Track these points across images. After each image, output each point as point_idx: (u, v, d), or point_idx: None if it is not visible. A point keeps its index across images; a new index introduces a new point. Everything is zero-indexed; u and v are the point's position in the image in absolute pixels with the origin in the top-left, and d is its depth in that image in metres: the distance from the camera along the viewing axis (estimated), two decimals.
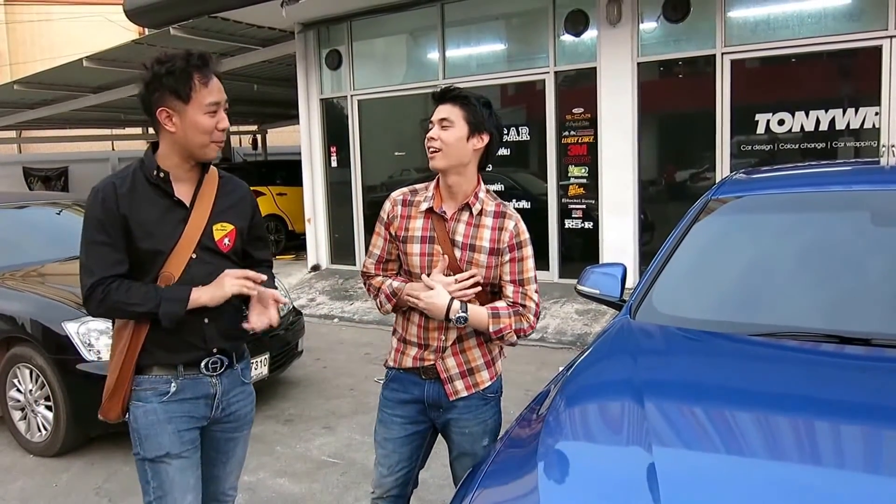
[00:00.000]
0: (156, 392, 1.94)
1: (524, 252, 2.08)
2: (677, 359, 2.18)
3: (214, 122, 1.87)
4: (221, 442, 2.10)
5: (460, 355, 2.10)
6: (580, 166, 7.25)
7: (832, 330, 2.09)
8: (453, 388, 2.10)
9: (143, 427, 1.93)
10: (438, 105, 2.06)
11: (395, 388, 2.17)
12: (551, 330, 6.16)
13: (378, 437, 2.23)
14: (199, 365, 1.97)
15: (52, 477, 3.71)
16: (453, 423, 2.15)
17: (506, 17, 7.91)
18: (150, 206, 1.88)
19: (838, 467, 1.51)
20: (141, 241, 1.86)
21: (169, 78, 1.81)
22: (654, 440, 1.57)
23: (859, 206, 2.57)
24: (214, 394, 2.00)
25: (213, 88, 1.86)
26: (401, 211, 2.10)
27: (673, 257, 2.58)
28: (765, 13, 6.40)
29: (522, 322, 2.06)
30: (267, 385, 4.76)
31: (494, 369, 2.16)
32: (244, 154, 18.28)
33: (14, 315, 4.02)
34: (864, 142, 6.03)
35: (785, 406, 1.75)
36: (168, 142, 1.89)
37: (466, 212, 2.06)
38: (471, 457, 2.15)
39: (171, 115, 1.84)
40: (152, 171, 1.89)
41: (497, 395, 2.20)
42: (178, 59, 1.82)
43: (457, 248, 2.04)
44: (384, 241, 2.13)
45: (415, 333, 2.11)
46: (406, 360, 2.13)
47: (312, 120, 9.16)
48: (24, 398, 4.01)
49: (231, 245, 1.99)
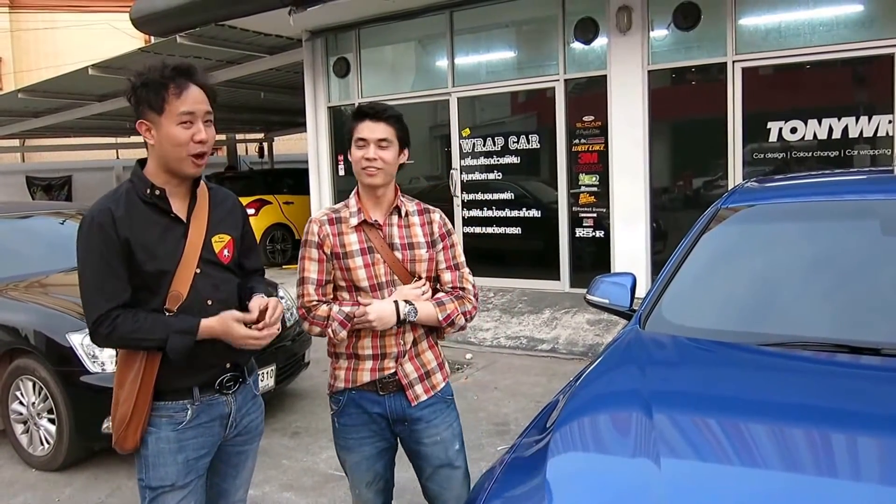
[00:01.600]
0: (171, 420, 1.88)
1: (453, 238, 2.23)
2: (687, 369, 2.18)
3: (189, 133, 1.79)
4: (232, 455, 2.05)
5: (416, 359, 2.15)
6: (591, 174, 7.18)
7: (844, 340, 2.07)
8: (414, 394, 2.13)
9: (151, 455, 1.87)
10: (369, 122, 2.10)
11: (353, 411, 2.15)
12: (562, 340, 6.07)
13: (348, 464, 2.21)
14: (213, 385, 1.91)
15: (54, 492, 3.64)
16: (422, 434, 2.15)
17: (515, 24, 7.87)
18: (149, 226, 1.83)
19: (853, 480, 1.49)
20: (145, 264, 1.81)
21: (144, 90, 1.78)
22: (663, 452, 1.56)
23: (871, 216, 2.55)
24: (229, 412, 1.96)
25: (188, 98, 1.79)
26: (329, 230, 2.12)
27: (683, 266, 2.58)
28: (776, 21, 6.35)
29: (465, 304, 2.17)
30: (273, 397, 4.69)
31: (445, 370, 2.25)
32: (250, 162, 18.28)
33: (17, 326, 3.95)
34: (878, 150, 5.97)
35: (795, 417, 1.74)
36: (152, 156, 1.86)
37: (395, 215, 2.16)
38: (448, 466, 2.18)
39: (149, 127, 1.81)
40: (146, 189, 1.83)
41: (453, 398, 2.27)
42: (155, 70, 1.79)
43: (397, 251, 2.12)
44: (319, 263, 2.11)
45: (369, 345, 2.11)
46: (362, 375, 2.12)
47: (320, 128, 9.13)
48: (26, 411, 3.94)
49: (231, 256, 1.95)
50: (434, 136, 8.20)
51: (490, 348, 6.13)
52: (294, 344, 4.69)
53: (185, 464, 1.88)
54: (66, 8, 20.67)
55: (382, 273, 2.10)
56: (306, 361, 4.96)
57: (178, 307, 1.84)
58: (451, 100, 8.00)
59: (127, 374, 1.85)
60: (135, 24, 8.47)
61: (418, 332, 2.15)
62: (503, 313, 6.81)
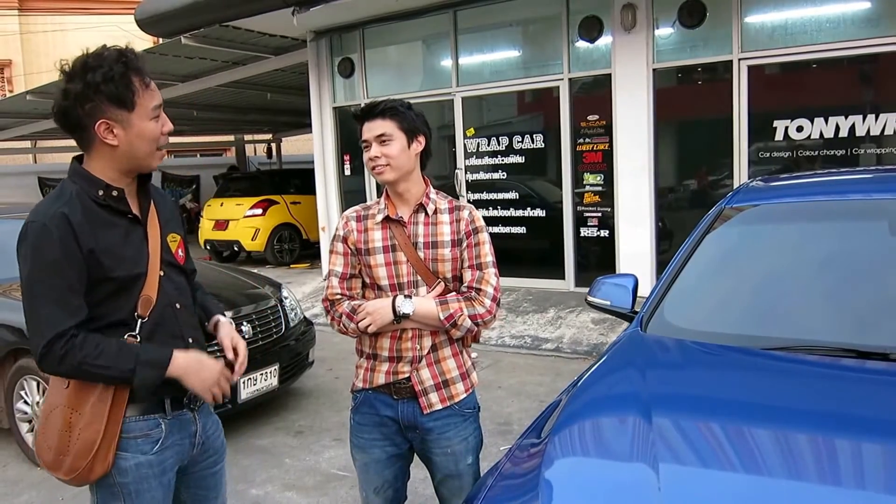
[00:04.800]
0: (148, 440, 1.73)
1: (480, 237, 2.09)
2: (688, 373, 2.13)
3: (160, 126, 1.70)
4: (207, 478, 1.95)
5: (434, 366, 2.06)
6: (595, 174, 7.15)
7: (849, 344, 2.02)
8: (428, 402, 2.05)
9: (133, 482, 1.71)
10: (366, 123, 2.06)
11: (366, 411, 2.11)
12: (567, 340, 6.05)
13: (358, 463, 2.17)
14: (181, 399, 1.81)
15: (58, 491, 3.65)
16: (433, 444, 2.09)
17: (519, 23, 7.85)
18: (109, 230, 1.67)
19: (855, 487, 1.46)
20: (115, 270, 1.65)
21: (108, 85, 1.59)
22: (661, 457, 1.54)
23: (878, 216, 2.48)
24: (195, 430, 1.86)
25: (154, 90, 1.68)
26: (355, 226, 2.10)
27: (686, 267, 2.52)
28: (782, 18, 6.30)
29: (475, 306, 2.02)
30: (277, 396, 4.69)
31: (469, 381, 2.13)
32: (259, 163, 18.32)
33: (21, 326, 3.94)
34: (886, 149, 5.91)
35: (798, 423, 1.69)
36: (106, 157, 1.67)
37: (422, 213, 2.09)
38: (456, 478, 2.12)
39: (111, 126, 1.63)
40: (98, 190, 1.66)
41: (475, 410, 2.16)
42: (112, 60, 1.61)
43: (419, 250, 2.05)
44: (344, 257, 2.10)
45: (387, 347, 2.05)
46: (378, 377, 2.07)
47: (325, 128, 9.13)
48: (31, 410, 3.96)
49: (184, 256, 1.86)
50: (439, 136, 8.19)
51: (495, 347, 6.13)
52: (298, 343, 4.71)
53: (168, 485, 1.80)
54: (74, 11, 20.80)
55: (404, 273, 2.03)
56: (310, 361, 4.96)
57: (150, 312, 1.72)
58: (456, 99, 8.00)
59: (87, 394, 1.66)
60: (139, 24, 8.50)
61: (438, 338, 2.05)
62: (508, 312, 6.80)
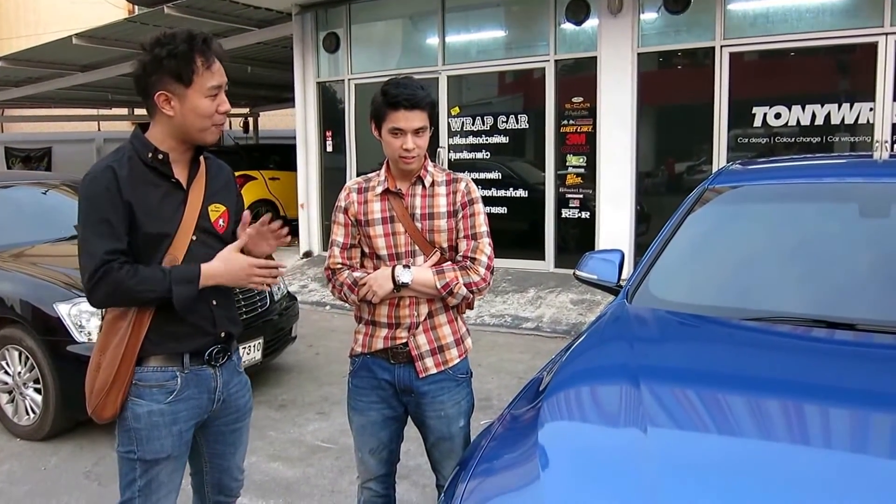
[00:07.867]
0: (163, 390, 1.87)
1: (476, 208, 2.16)
2: (672, 343, 2.28)
3: (215, 105, 1.83)
4: (227, 434, 2.08)
5: (431, 332, 2.15)
6: (578, 156, 7.22)
7: (821, 315, 2.16)
8: (423, 366, 2.14)
9: (144, 428, 1.86)
10: (404, 111, 2.02)
11: (364, 374, 2.22)
12: (546, 319, 6.14)
13: (355, 425, 2.28)
14: (203, 355, 1.92)
15: (39, 460, 3.66)
16: (427, 407, 2.18)
17: (506, 3, 7.85)
18: (150, 188, 1.83)
19: (826, 448, 1.59)
20: (146, 226, 1.81)
21: (170, 60, 1.75)
22: (650, 421, 1.63)
23: (850, 198, 2.65)
24: (216, 387, 1.97)
25: (216, 71, 1.82)
26: (356, 198, 2.17)
27: (670, 244, 2.67)
28: (763, 6, 6.40)
29: (470, 275, 2.10)
30: (260, 371, 4.71)
31: (463, 347, 2.23)
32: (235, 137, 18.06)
33: (3, 296, 3.93)
34: (859, 137, 6.06)
35: (774, 388, 1.81)
36: (164, 125, 1.84)
37: (419, 185, 2.15)
38: (448, 440, 2.22)
39: (169, 98, 1.79)
40: (148, 153, 1.83)
41: (468, 376, 2.27)
42: (180, 40, 1.76)
43: (416, 221, 2.12)
44: (345, 227, 2.17)
45: (385, 314, 2.14)
46: (376, 342, 2.17)
47: (308, 104, 9.06)
48: (12, 380, 3.94)
49: (225, 226, 1.97)
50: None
51: (474, 326, 6.17)
52: (281, 318, 4.72)
53: (179, 435, 1.89)
54: None
55: (402, 243, 2.11)
56: (293, 336, 4.98)
57: None
58: (441, 78, 7.97)
59: (111, 338, 1.84)
60: None
61: (435, 305, 2.14)
62: (488, 292, 6.86)
